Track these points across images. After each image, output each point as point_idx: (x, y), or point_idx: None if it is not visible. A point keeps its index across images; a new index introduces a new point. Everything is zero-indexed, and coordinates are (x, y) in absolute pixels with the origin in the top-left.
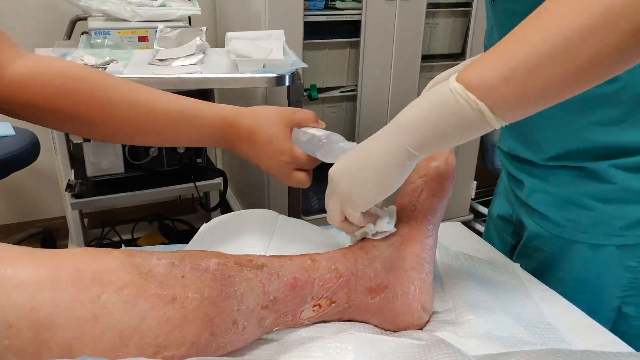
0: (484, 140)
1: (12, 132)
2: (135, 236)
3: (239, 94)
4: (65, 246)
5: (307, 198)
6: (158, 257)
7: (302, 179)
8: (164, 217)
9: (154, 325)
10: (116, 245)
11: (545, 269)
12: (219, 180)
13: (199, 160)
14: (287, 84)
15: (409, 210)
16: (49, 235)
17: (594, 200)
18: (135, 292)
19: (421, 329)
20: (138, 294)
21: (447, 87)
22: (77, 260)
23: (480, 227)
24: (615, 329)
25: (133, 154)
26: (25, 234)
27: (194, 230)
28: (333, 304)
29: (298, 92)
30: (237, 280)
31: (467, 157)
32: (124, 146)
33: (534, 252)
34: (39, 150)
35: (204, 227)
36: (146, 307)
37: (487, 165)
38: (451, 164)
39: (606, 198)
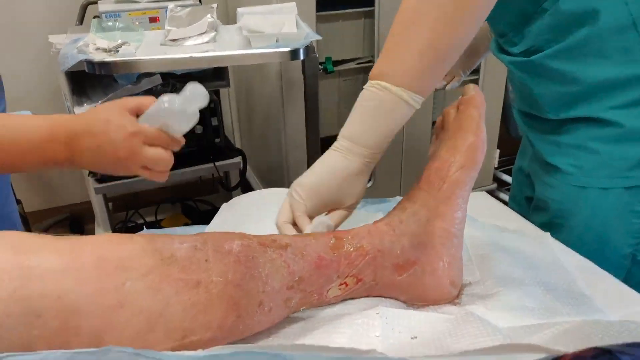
0: (507, 108)
1: None
2: (158, 218)
3: (254, 72)
4: (92, 230)
5: None
6: (180, 240)
7: (157, 153)
8: (186, 198)
9: (179, 310)
10: (141, 227)
11: (557, 219)
12: (238, 159)
13: (217, 140)
14: (301, 57)
15: (437, 184)
16: (76, 220)
17: (597, 143)
18: (158, 278)
19: (450, 302)
20: (162, 279)
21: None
22: (99, 248)
23: (505, 196)
24: (630, 279)
25: None
26: (54, 220)
27: (216, 210)
28: (360, 282)
29: (313, 65)
30: (261, 261)
31: (489, 125)
32: None
33: (546, 203)
34: None
35: (224, 206)
36: (170, 293)
37: (511, 133)
38: (480, 134)
39: (609, 140)
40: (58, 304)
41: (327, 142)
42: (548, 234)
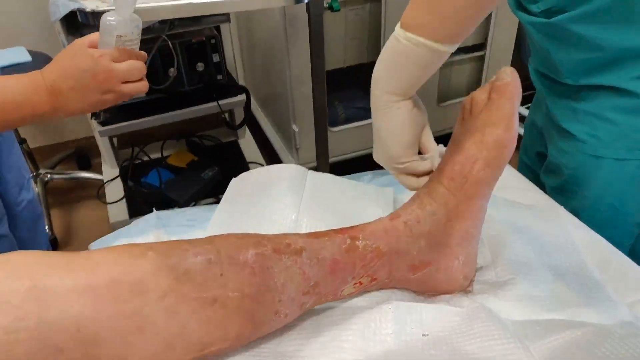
0: (521, 33)
1: (28, 57)
2: (164, 154)
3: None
4: (99, 165)
5: (333, 108)
6: (194, 252)
7: (129, 63)
8: (191, 134)
9: (197, 328)
10: (147, 165)
11: (570, 185)
12: (242, 97)
13: (219, 77)
14: (305, 0)
15: (459, 181)
16: (82, 156)
17: (616, 113)
18: (175, 299)
19: (462, 291)
20: (178, 300)
21: (394, 34)
22: (112, 270)
23: None
24: (638, 244)
25: (152, 77)
26: (61, 156)
27: (221, 145)
28: (374, 281)
29: (318, 6)
30: (276, 271)
31: (502, 53)
32: None
33: (559, 168)
34: None
35: (233, 182)
36: (188, 312)
37: (524, 61)
38: (511, 130)
39: (629, 111)
40: (78, 336)
41: (333, 75)
42: (561, 207)
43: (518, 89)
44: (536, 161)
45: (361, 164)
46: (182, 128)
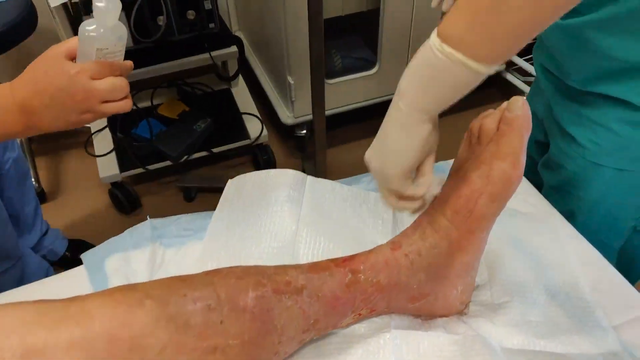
0: None
1: None
2: (154, 103)
3: None
4: None
5: (330, 56)
6: (193, 298)
7: (110, 82)
8: (182, 81)
9: None
10: (136, 115)
11: (568, 186)
12: (235, 48)
13: (211, 25)
14: None
15: (463, 214)
16: None
17: (621, 125)
18: (175, 350)
19: (458, 313)
20: (178, 351)
21: (429, 43)
22: (110, 325)
23: (513, 78)
24: (628, 243)
25: (141, 27)
26: None
27: (213, 94)
28: (373, 312)
29: None
30: (276, 312)
31: None
32: (128, 20)
33: (559, 167)
34: (37, 17)
35: (230, 185)
36: None
37: None
38: (518, 167)
39: (634, 123)
40: None
41: (331, 23)
42: (557, 213)
43: (528, 123)
44: (535, 148)
45: (357, 117)
46: (173, 74)
